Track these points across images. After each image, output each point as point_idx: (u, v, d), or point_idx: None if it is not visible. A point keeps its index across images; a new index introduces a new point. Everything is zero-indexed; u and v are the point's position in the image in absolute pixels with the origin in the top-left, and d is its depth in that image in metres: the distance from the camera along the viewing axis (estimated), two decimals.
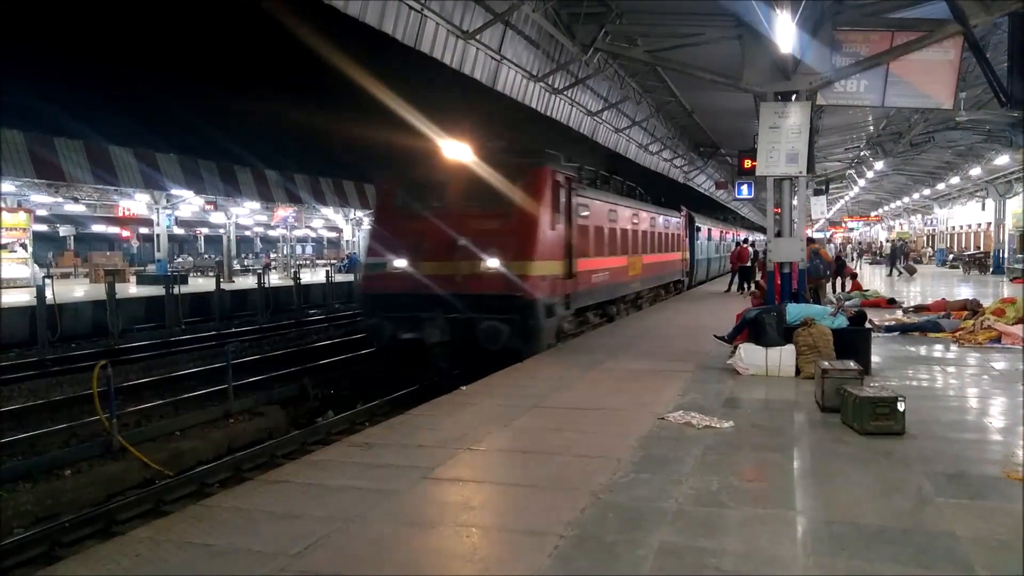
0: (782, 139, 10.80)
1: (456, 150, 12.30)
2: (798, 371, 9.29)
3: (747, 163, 15.61)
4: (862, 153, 33.50)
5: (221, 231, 44.64)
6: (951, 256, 46.00)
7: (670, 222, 24.01)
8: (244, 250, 72.38)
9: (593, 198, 15.01)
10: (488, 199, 12.05)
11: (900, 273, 33.01)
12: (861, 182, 44.10)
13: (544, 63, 15.58)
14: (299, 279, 28.25)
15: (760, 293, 14.18)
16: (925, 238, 60.77)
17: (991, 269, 36.39)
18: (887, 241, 33.56)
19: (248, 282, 30.97)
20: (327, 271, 37.69)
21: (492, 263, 11.58)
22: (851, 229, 71.78)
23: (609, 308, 16.86)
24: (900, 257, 34.46)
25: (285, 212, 43.73)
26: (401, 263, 12.13)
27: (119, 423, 9.55)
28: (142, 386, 13.31)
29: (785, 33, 9.78)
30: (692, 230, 28.16)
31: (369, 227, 17.55)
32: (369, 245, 13.14)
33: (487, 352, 11.24)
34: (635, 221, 18.77)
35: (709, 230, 33.65)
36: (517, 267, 11.58)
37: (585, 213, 14.26)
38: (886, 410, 6.53)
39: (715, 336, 11.33)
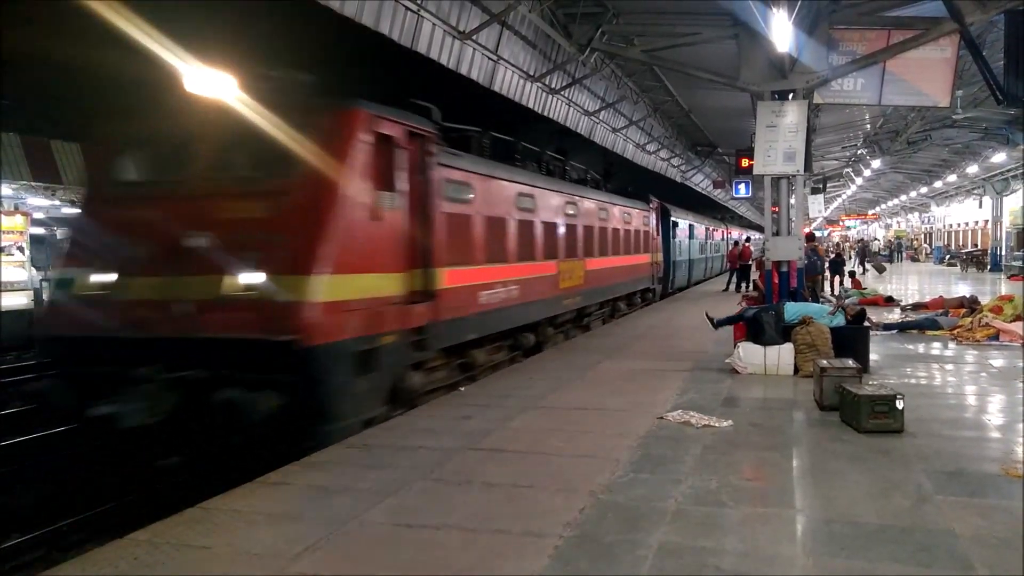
0: (779, 138, 10.80)
1: (204, 84, 7.39)
2: (797, 370, 9.29)
3: (744, 162, 15.66)
4: (859, 151, 33.55)
5: None
6: (948, 255, 46.08)
7: (633, 216, 19.44)
8: None
9: (485, 175, 10.35)
10: (250, 166, 7.44)
11: (864, 271, 33.13)
12: (858, 180, 44.18)
13: (541, 63, 15.59)
14: None
15: (759, 294, 14.15)
16: (923, 236, 60.89)
17: (989, 267, 36.49)
18: (857, 241, 33.64)
19: None
20: None
21: (246, 280, 6.78)
22: (848, 228, 71.91)
23: (523, 337, 11.96)
24: (869, 256, 35.07)
25: None
26: (99, 280, 7.26)
27: None
28: None
29: (782, 32, 9.79)
30: (667, 226, 24.16)
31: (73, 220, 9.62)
32: (67, 250, 8.13)
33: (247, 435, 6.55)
34: (571, 213, 14.11)
35: (691, 226, 29.03)
36: (288, 286, 6.66)
37: (466, 196, 9.67)
38: (885, 408, 6.53)
39: (707, 315, 11.29)
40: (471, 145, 10.80)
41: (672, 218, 24.83)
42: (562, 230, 13.54)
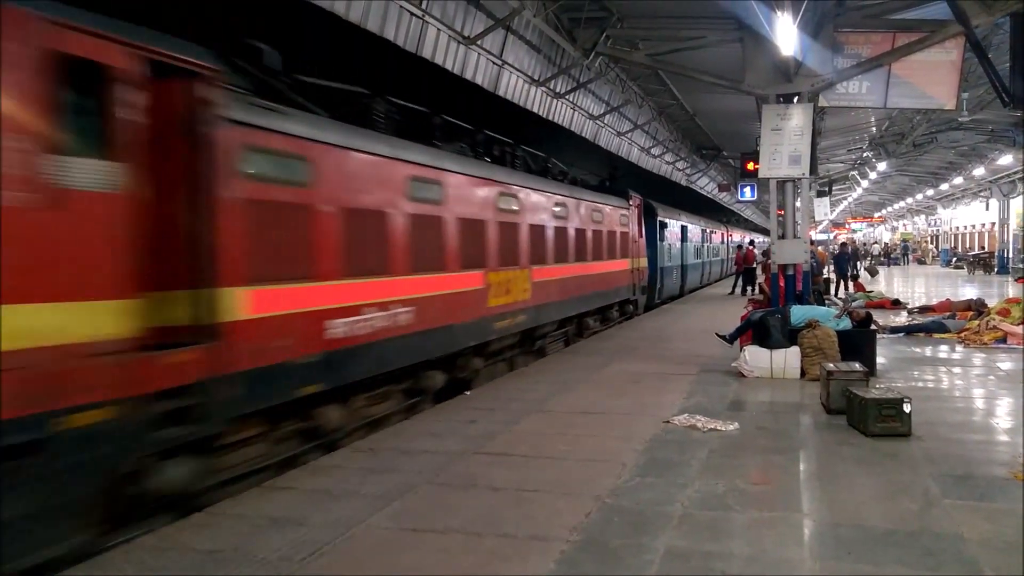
0: (784, 141, 10.79)
1: None
2: (803, 373, 9.27)
3: (750, 165, 15.60)
4: (865, 154, 33.47)
5: None
6: (955, 257, 45.92)
7: (605, 214, 16.24)
8: None
9: (340, 146, 7.14)
10: None
11: (858, 274, 32.78)
12: (864, 183, 44.06)
13: (546, 68, 15.63)
14: None
15: (764, 298, 14.12)
16: (929, 238, 60.76)
17: (996, 269, 36.40)
18: (843, 244, 33.25)
19: None
20: None
21: None
22: (855, 231, 71.81)
23: (426, 377, 8.78)
24: (861, 259, 34.81)
25: None
26: None
27: None
28: None
29: (786, 35, 9.78)
30: (653, 227, 21.43)
31: None
32: None
33: None
34: (509, 208, 11.03)
35: (683, 227, 25.88)
36: None
37: (298, 177, 6.54)
38: (892, 411, 6.51)
39: (717, 334, 11.31)
40: (367, 115, 8.30)
41: (659, 218, 22.02)
42: (493, 230, 10.38)
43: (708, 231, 32.23)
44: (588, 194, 15.51)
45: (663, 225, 22.63)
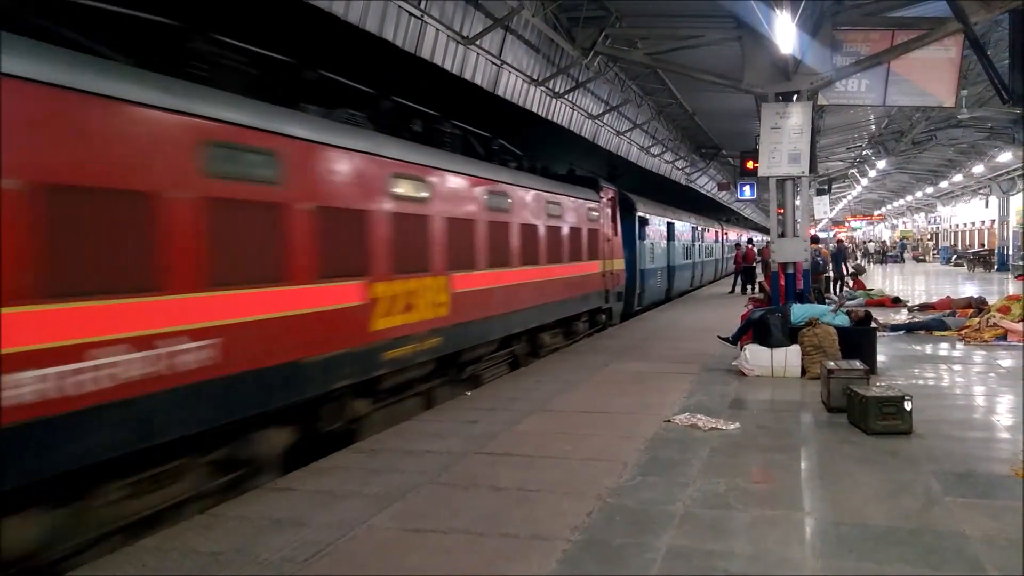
0: (784, 139, 10.81)
1: None
2: (804, 371, 9.28)
3: (749, 164, 15.61)
4: (864, 152, 33.47)
5: None
6: (955, 255, 45.94)
7: (566, 208, 13.62)
8: None
9: (30, 79, 4.15)
10: None
11: (855, 272, 32.53)
12: (864, 181, 44.07)
13: (544, 67, 15.61)
14: None
15: (764, 297, 14.11)
16: (929, 235, 60.81)
17: (995, 266, 36.40)
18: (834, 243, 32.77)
19: None
20: None
21: None
22: (854, 229, 71.84)
23: (259, 440, 6.18)
24: (849, 257, 34.67)
25: None
26: None
27: None
28: None
29: (785, 34, 9.79)
30: (632, 224, 19.03)
31: None
32: None
33: None
34: (412, 195, 8.33)
35: (669, 225, 23.37)
36: None
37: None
38: (893, 409, 6.51)
39: (719, 337, 11.33)
40: (184, 60, 5.90)
41: (639, 213, 19.57)
42: (384, 226, 7.70)
43: (700, 229, 29.73)
44: (541, 182, 12.78)
45: (644, 221, 20.16)
